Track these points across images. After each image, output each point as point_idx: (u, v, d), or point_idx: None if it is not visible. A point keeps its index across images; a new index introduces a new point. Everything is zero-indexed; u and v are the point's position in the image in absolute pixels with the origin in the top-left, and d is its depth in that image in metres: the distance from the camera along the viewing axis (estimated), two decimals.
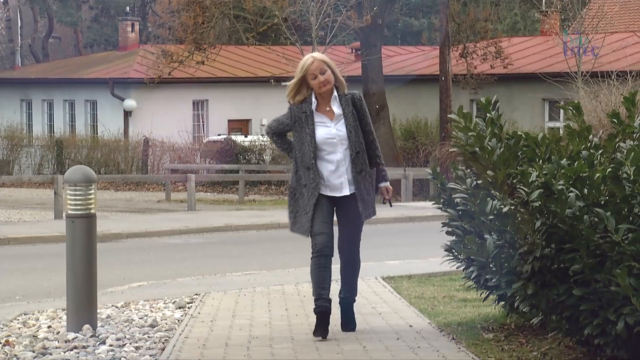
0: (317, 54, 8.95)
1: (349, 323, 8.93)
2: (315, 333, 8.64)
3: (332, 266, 8.80)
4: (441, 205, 8.72)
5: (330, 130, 8.75)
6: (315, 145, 8.67)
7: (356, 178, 8.71)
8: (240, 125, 45.19)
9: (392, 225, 23.68)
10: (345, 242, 8.87)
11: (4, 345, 8.78)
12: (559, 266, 7.12)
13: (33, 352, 8.45)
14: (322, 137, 8.72)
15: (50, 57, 58.70)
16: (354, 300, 9.03)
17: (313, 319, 9.86)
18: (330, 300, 8.66)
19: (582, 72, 32.06)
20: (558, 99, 33.94)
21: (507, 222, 7.45)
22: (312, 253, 8.69)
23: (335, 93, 8.82)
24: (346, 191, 8.72)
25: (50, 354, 8.32)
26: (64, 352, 8.38)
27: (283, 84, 34.46)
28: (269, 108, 43.45)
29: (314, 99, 8.76)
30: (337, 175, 8.73)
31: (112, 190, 38.92)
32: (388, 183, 9.00)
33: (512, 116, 34.05)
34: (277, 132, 9.01)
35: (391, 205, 9.46)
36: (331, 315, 8.77)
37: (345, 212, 8.82)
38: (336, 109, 8.81)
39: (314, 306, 8.70)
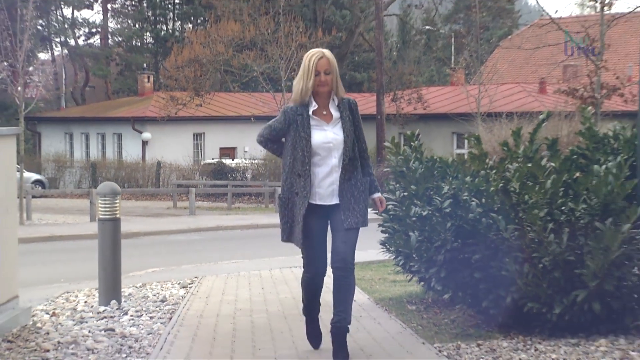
0: (326, 51, 6.44)
1: (341, 351, 6.22)
2: (309, 338, 6.72)
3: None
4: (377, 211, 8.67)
5: (327, 134, 6.30)
6: (311, 150, 6.25)
7: (343, 185, 6.26)
8: (229, 152, 45.12)
9: None
10: (339, 256, 6.22)
11: (52, 315, 8.73)
12: (464, 256, 7.14)
13: (73, 320, 8.39)
14: (318, 141, 6.27)
15: (87, 101, 58.38)
16: (348, 328, 6.32)
17: (283, 295, 9.84)
18: (319, 312, 6.71)
19: (481, 113, 32.27)
20: (463, 132, 34.11)
21: (426, 223, 7.47)
22: (305, 272, 6.44)
23: (333, 96, 6.44)
24: (336, 199, 6.28)
25: (86, 322, 8.27)
26: (97, 321, 8.33)
27: (254, 120, 34.89)
28: (250, 139, 43.47)
29: (312, 102, 6.37)
30: (330, 182, 6.29)
31: (133, 200, 38.77)
32: (380, 194, 6.57)
33: (429, 145, 34.09)
34: (270, 138, 6.49)
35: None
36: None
37: (338, 223, 6.27)
38: (334, 112, 6.40)
39: (306, 328, 6.72)
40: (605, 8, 24.80)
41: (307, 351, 6.58)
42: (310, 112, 6.34)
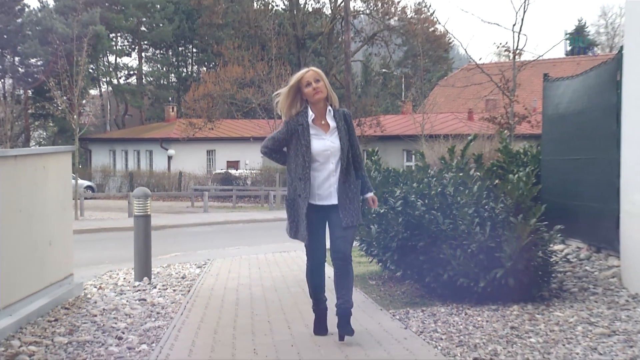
0: (312, 67, 5.61)
1: (345, 326, 5.38)
2: (316, 333, 5.68)
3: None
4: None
5: (325, 142, 5.41)
6: (311, 157, 5.39)
7: (341, 188, 5.40)
8: (234, 164, 45.05)
9: None
10: (339, 252, 5.40)
11: (99, 289, 8.67)
12: (411, 243, 7.13)
13: (115, 292, 8.33)
14: (317, 148, 5.40)
15: (126, 126, 58.06)
16: (351, 309, 5.43)
17: (275, 273, 9.80)
18: (326, 300, 5.69)
19: (424, 135, 32.35)
20: (411, 149, 34.18)
21: (383, 219, 7.46)
22: (307, 262, 5.59)
23: (329, 107, 5.50)
24: (335, 200, 5.40)
25: (125, 294, 8.21)
26: (133, 293, 8.27)
27: (252, 140, 34.94)
28: (250, 154, 43.42)
29: (310, 112, 5.46)
30: (328, 185, 5.41)
31: (161, 201, 38.61)
32: (373, 193, 5.70)
33: (385, 159, 33.97)
34: (273, 149, 5.58)
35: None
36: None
37: (336, 221, 5.39)
38: (331, 122, 5.48)
39: (313, 307, 5.73)
40: (517, 57, 25.14)
41: (293, 317, 6.55)
42: (310, 121, 5.44)
